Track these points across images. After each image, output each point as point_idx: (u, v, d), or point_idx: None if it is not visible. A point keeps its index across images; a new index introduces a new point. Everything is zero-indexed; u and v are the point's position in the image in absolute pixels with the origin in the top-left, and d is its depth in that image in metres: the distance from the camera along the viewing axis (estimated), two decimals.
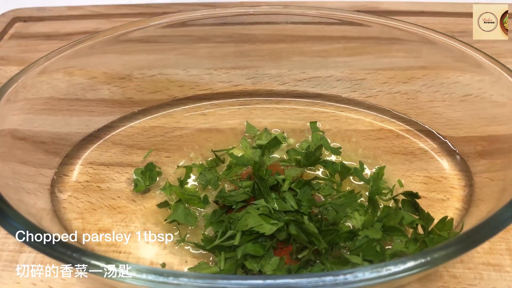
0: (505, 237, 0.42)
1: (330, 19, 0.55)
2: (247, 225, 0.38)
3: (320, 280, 0.30)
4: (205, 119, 0.55)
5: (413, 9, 0.73)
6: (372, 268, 0.30)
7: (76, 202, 0.46)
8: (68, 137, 0.52)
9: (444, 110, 0.53)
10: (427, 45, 0.52)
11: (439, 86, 0.54)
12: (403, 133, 0.53)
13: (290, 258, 0.39)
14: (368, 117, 0.55)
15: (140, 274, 0.30)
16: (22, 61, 0.64)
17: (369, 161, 0.50)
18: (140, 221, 0.44)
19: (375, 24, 0.53)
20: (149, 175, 0.47)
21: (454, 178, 0.48)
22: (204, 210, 0.44)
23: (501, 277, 0.39)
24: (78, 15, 0.75)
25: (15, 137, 0.47)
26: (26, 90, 0.47)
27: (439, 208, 0.44)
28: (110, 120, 0.55)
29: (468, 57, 0.48)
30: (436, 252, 0.31)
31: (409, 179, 0.48)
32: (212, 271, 0.38)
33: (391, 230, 0.40)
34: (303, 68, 0.59)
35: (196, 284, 0.30)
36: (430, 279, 0.39)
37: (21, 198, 0.41)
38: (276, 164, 0.49)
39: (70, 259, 0.32)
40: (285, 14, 0.57)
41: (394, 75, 0.57)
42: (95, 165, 0.50)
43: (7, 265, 0.41)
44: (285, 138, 0.52)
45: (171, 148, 0.52)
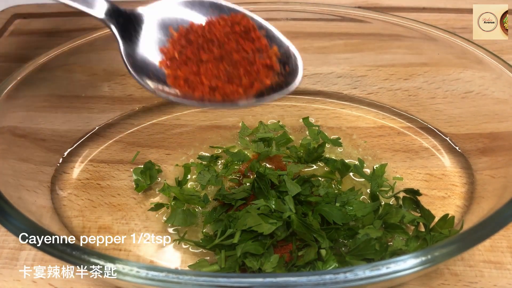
0: (506, 235, 0.41)
1: (331, 15, 0.55)
2: (246, 224, 0.38)
3: (320, 278, 0.29)
4: (205, 116, 0.55)
5: (414, 5, 0.72)
6: (372, 266, 0.30)
7: (76, 200, 0.46)
8: (68, 134, 0.52)
9: (445, 107, 0.53)
10: (428, 42, 0.51)
11: (440, 82, 0.54)
12: (404, 131, 0.53)
13: (290, 256, 0.39)
14: (369, 114, 0.55)
15: (140, 272, 0.30)
16: (22, 58, 0.64)
17: (370, 158, 0.49)
18: (140, 218, 0.44)
19: (376, 20, 0.53)
20: (149, 174, 0.47)
21: (455, 176, 0.47)
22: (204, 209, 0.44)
23: (502, 274, 0.39)
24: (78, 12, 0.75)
25: (15, 134, 0.47)
26: (26, 87, 0.47)
27: (440, 206, 0.44)
28: (110, 117, 0.54)
29: (470, 53, 0.48)
30: (437, 250, 0.31)
31: (410, 176, 0.47)
32: (213, 269, 0.38)
33: (392, 227, 0.40)
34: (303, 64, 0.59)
35: (197, 282, 0.30)
36: (431, 277, 0.39)
37: (21, 195, 0.41)
38: (279, 161, 0.49)
39: (70, 258, 0.32)
40: (286, 11, 0.56)
41: (395, 72, 0.56)
42: (95, 162, 0.50)
43: (8, 263, 0.41)
44: (282, 127, 0.53)
45: (171, 146, 0.52)
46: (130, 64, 0.37)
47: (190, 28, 0.38)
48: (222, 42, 0.37)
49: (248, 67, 0.36)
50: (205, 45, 0.37)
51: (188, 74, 0.36)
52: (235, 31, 0.37)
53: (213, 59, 0.36)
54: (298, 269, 0.38)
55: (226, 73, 0.36)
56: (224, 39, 0.37)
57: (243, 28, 0.37)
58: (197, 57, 0.36)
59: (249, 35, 0.38)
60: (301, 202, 0.42)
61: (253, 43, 0.37)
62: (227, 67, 0.36)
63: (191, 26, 0.38)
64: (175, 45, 0.38)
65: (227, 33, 0.37)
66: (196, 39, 0.37)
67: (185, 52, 0.37)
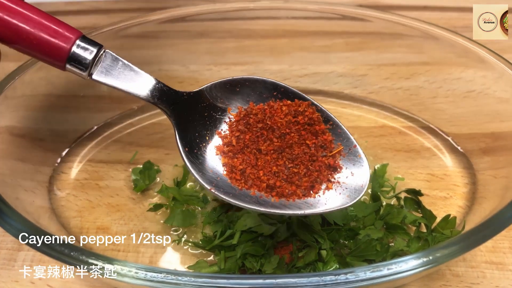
0: (508, 235, 0.41)
1: (332, 14, 0.54)
2: (246, 225, 0.38)
3: (321, 279, 0.29)
4: None
5: (416, 3, 0.72)
6: (373, 267, 0.30)
7: (75, 200, 0.45)
8: (66, 134, 0.51)
9: (446, 106, 0.52)
10: (429, 41, 0.51)
11: (442, 82, 0.53)
12: (406, 130, 0.53)
13: (290, 257, 0.38)
14: (370, 114, 0.55)
15: (139, 273, 0.30)
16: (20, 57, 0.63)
17: (371, 158, 0.49)
18: (139, 219, 0.44)
19: (377, 19, 0.53)
20: (148, 174, 0.47)
21: (457, 176, 0.47)
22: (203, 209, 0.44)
23: (504, 275, 0.39)
24: (77, 11, 0.74)
25: (13, 134, 0.46)
26: (24, 87, 0.47)
27: (442, 206, 0.44)
28: (108, 117, 0.54)
29: (471, 52, 0.48)
30: (439, 251, 0.31)
31: (412, 176, 0.47)
32: (212, 270, 0.38)
33: (393, 228, 0.40)
34: (304, 64, 0.59)
35: (197, 283, 0.29)
36: (432, 278, 0.38)
37: (19, 196, 0.40)
38: None
39: (68, 258, 0.31)
40: (286, 9, 0.56)
41: (396, 71, 0.56)
42: (94, 162, 0.50)
43: (6, 263, 0.40)
44: None
45: (170, 145, 0.51)
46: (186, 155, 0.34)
47: (249, 110, 0.35)
48: (283, 133, 0.34)
49: (309, 165, 0.33)
50: (264, 132, 0.34)
51: (245, 166, 0.33)
52: (298, 121, 0.34)
53: (273, 150, 0.34)
54: (298, 270, 0.37)
55: (286, 170, 0.33)
56: (285, 129, 0.34)
57: (307, 120, 0.34)
58: (256, 146, 0.34)
59: (313, 127, 0.35)
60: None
61: (317, 138, 0.34)
62: (287, 163, 0.33)
63: (250, 108, 0.36)
64: (233, 130, 0.35)
65: (289, 123, 0.34)
66: (256, 124, 0.34)
67: (243, 138, 0.34)
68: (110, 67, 0.34)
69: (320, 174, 0.34)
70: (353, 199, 0.34)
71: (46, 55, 0.33)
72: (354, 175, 0.34)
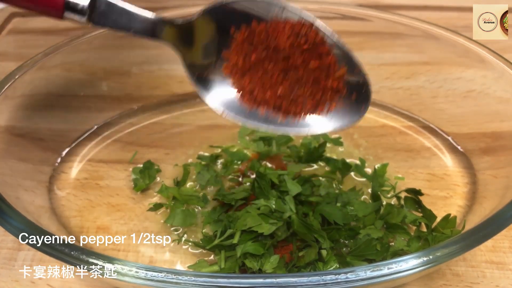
0: (508, 235, 0.41)
1: (332, 13, 0.54)
2: (246, 224, 0.38)
3: (321, 278, 0.29)
4: (204, 115, 0.55)
5: (416, 3, 0.72)
6: (373, 267, 0.30)
7: (75, 200, 0.45)
8: (66, 133, 0.51)
9: (447, 106, 0.52)
10: (430, 40, 0.51)
11: (442, 81, 0.53)
12: (406, 130, 0.53)
13: (290, 257, 0.38)
14: (370, 113, 0.55)
15: (139, 273, 0.30)
16: (20, 57, 0.63)
17: (371, 158, 0.49)
18: (139, 219, 0.44)
19: (377, 19, 0.53)
20: (148, 173, 0.47)
21: (457, 175, 0.47)
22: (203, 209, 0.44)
23: (504, 275, 0.39)
24: None
25: (13, 133, 0.46)
26: (24, 86, 0.47)
27: (442, 206, 0.44)
28: (108, 117, 0.54)
29: (472, 52, 0.48)
30: (439, 250, 0.31)
31: (412, 176, 0.47)
32: (212, 269, 0.38)
33: (393, 228, 0.40)
34: None
35: (197, 282, 0.29)
36: (432, 278, 0.38)
37: (19, 195, 0.40)
38: (279, 160, 0.48)
39: (69, 258, 0.31)
40: None
41: (397, 71, 0.56)
42: (94, 162, 0.49)
43: (6, 263, 0.40)
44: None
45: (170, 145, 0.51)
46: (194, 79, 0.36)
47: (253, 29, 0.35)
48: (286, 55, 0.34)
49: (313, 87, 0.34)
50: (269, 53, 0.34)
51: (253, 86, 0.34)
52: (300, 43, 0.34)
53: (278, 71, 0.34)
54: (298, 269, 0.37)
55: (291, 92, 0.34)
56: (288, 52, 0.34)
57: (309, 41, 0.34)
58: (262, 66, 0.34)
59: (316, 49, 0.34)
60: (302, 202, 0.42)
61: (320, 60, 0.34)
62: (292, 84, 0.34)
63: (253, 26, 0.35)
64: (238, 50, 0.35)
65: (292, 44, 0.34)
66: (260, 43, 0.34)
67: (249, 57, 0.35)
68: (107, 11, 0.35)
69: (324, 95, 0.35)
70: (355, 120, 0.35)
71: (43, 4, 0.33)
72: (357, 96, 0.35)
